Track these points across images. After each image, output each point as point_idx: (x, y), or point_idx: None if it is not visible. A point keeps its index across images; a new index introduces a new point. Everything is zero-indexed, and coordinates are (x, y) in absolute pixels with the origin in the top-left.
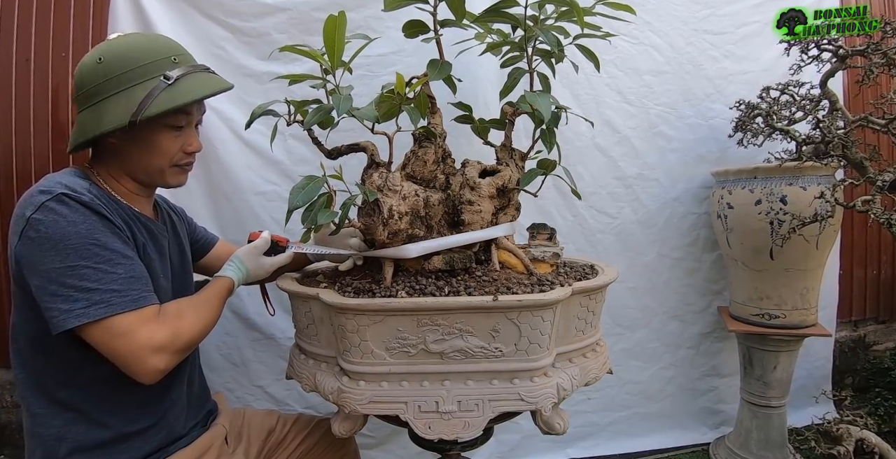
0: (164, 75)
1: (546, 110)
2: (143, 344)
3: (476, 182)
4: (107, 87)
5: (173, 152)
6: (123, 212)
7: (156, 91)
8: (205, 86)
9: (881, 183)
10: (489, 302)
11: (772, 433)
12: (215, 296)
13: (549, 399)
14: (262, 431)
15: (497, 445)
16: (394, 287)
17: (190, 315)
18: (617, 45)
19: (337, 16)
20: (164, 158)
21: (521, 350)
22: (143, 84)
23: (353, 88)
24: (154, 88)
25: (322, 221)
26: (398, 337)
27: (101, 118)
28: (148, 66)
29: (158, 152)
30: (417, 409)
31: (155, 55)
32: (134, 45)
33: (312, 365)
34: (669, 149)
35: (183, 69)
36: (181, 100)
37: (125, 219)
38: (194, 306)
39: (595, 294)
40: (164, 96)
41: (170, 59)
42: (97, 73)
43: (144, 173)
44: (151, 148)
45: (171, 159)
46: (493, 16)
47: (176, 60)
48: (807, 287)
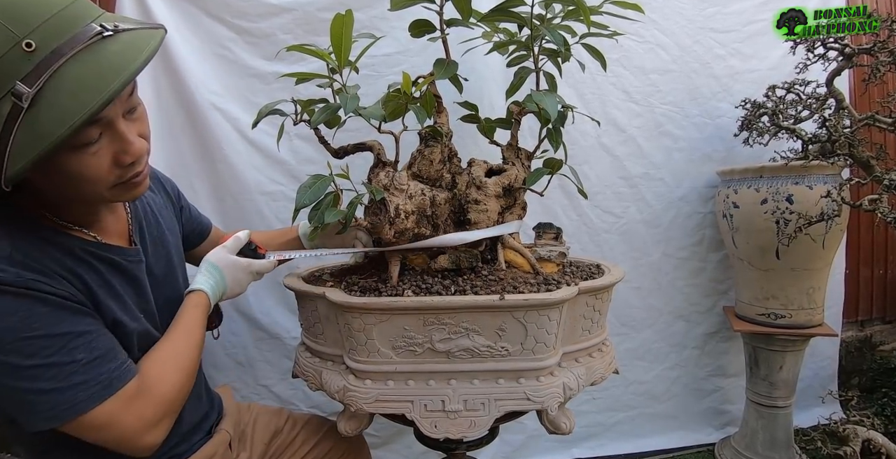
0: (11, 91)
1: (553, 109)
2: (133, 428)
3: (482, 181)
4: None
5: (103, 174)
6: (69, 255)
7: (9, 124)
8: (97, 84)
9: (888, 182)
10: (495, 301)
11: (778, 433)
12: (191, 329)
13: (555, 398)
14: (266, 433)
15: (501, 445)
16: (400, 286)
17: (171, 372)
18: (623, 44)
19: (344, 14)
20: (96, 185)
21: (527, 349)
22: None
23: (359, 87)
24: (7, 120)
25: (329, 220)
26: (404, 335)
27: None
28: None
29: (84, 181)
30: (423, 408)
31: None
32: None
33: (318, 363)
34: (675, 149)
35: (47, 58)
36: (54, 134)
37: (69, 265)
38: (173, 359)
39: (601, 293)
40: (28, 131)
41: (20, 45)
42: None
43: (82, 203)
44: (72, 180)
45: (106, 181)
46: (499, 15)
47: (30, 45)
48: (813, 286)
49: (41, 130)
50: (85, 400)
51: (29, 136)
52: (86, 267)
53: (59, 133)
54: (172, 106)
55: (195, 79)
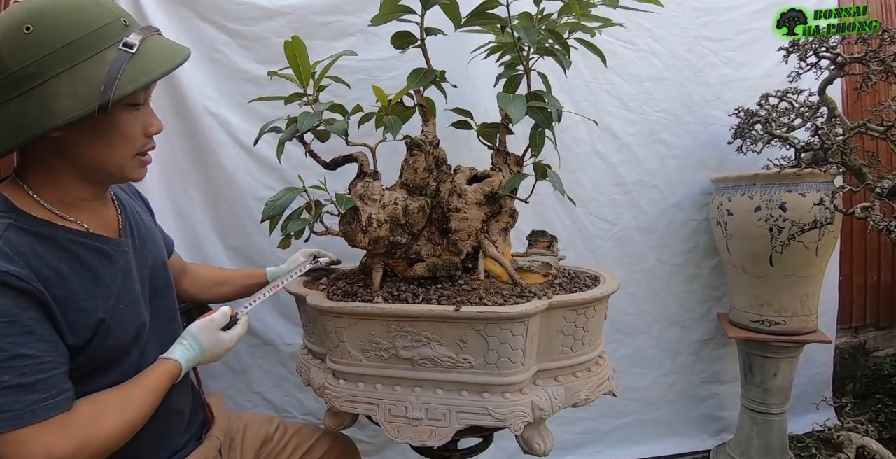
0: (123, 43)
1: (517, 114)
2: (37, 456)
3: (462, 189)
4: (48, 65)
5: (136, 136)
6: (55, 247)
7: (117, 63)
8: (170, 54)
9: (880, 189)
10: (450, 312)
11: (772, 440)
12: (152, 389)
13: (520, 417)
14: (255, 440)
15: (497, 451)
16: (378, 292)
17: (111, 418)
18: (617, 52)
19: (292, 41)
20: (127, 146)
21: (490, 363)
22: (99, 57)
23: (330, 103)
24: (115, 61)
25: (293, 229)
26: (371, 340)
27: (48, 107)
28: (99, 32)
29: (121, 139)
30: (388, 412)
31: (102, 18)
32: (71, 5)
33: (310, 360)
34: (669, 156)
35: (138, 33)
36: (153, 72)
37: (57, 254)
38: (120, 406)
39: (584, 309)
40: (131, 70)
41: (119, 21)
42: (28, 47)
43: (101, 170)
44: (112, 135)
45: (135, 146)
46: (477, 19)
47: (126, 22)
48: (806, 293)
49: (144, 67)
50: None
51: (137, 70)
52: (73, 259)
53: (158, 72)
54: (166, 110)
55: (188, 84)
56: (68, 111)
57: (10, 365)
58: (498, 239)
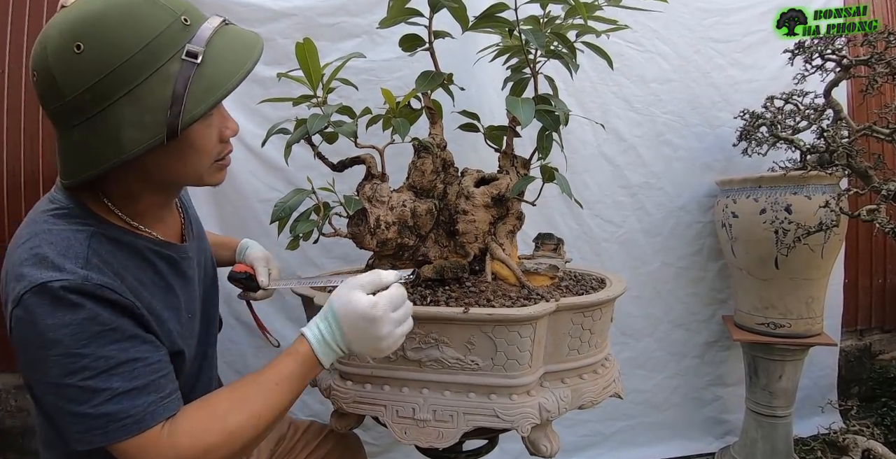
0: (185, 51)
1: (525, 117)
2: (166, 456)
3: (469, 191)
4: (104, 92)
5: (212, 146)
6: (136, 256)
7: (182, 79)
8: (241, 54)
9: (886, 192)
10: (459, 313)
11: (777, 443)
12: (282, 379)
13: (527, 419)
14: (271, 439)
15: (501, 454)
16: None
17: (235, 414)
18: (623, 54)
19: (304, 43)
20: (204, 158)
21: (498, 365)
22: (160, 72)
23: (340, 104)
24: (179, 76)
25: (301, 230)
26: None
27: (113, 140)
28: (158, 41)
29: (195, 154)
30: (395, 414)
31: (160, 20)
32: (124, 8)
33: None
34: (675, 158)
35: (202, 32)
36: (224, 85)
37: (137, 264)
38: (236, 406)
39: (591, 311)
40: (198, 84)
41: (180, 20)
42: (82, 71)
43: (178, 183)
44: (186, 151)
45: (212, 155)
46: (486, 22)
47: (187, 20)
48: (812, 296)
49: (214, 80)
50: (111, 431)
51: (202, 88)
52: (150, 268)
53: (228, 84)
54: None
55: None
56: (134, 143)
57: (120, 371)
58: (505, 241)
